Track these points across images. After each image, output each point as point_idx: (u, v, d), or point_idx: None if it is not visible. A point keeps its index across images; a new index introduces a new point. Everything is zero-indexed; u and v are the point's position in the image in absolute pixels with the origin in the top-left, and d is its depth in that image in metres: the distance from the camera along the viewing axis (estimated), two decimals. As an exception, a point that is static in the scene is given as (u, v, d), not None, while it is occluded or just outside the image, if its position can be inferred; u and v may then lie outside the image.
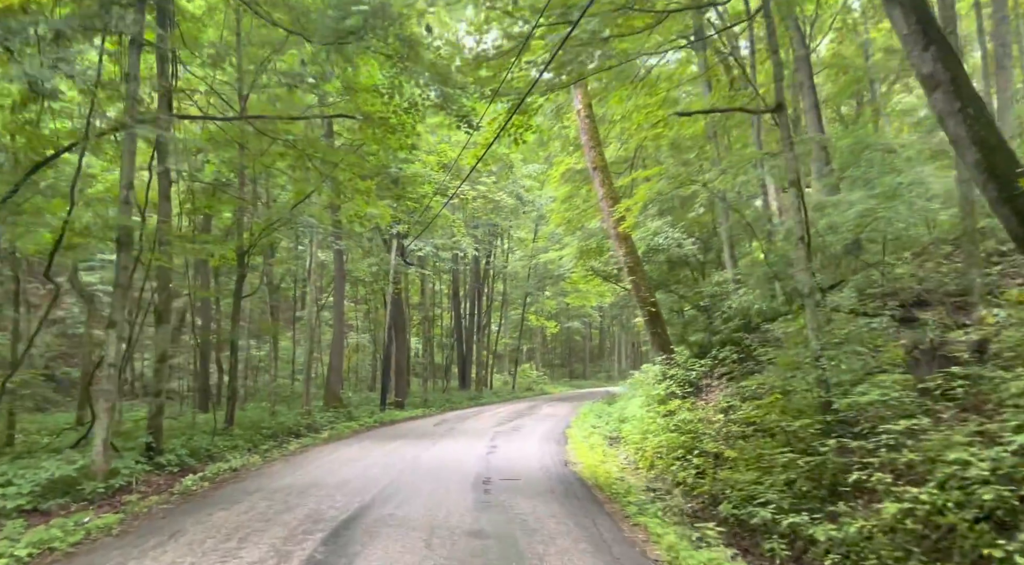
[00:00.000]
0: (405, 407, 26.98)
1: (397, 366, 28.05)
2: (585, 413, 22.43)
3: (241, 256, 17.23)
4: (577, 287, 47.59)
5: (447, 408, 28.40)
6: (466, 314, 40.65)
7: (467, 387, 38.52)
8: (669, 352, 14.51)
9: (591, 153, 15.22)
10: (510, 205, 25.39)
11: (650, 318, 14.71)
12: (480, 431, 17.23)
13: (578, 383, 57.01)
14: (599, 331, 76.40)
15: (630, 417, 15.21)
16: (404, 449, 13.66)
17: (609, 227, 15.18)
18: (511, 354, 52.82)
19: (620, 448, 14.83)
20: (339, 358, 24.12)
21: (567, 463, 12.07)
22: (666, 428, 12.68)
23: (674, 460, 11.27)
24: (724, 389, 13.32)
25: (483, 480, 9.76)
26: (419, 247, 25.61)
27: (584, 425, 18.92)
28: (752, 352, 13.81)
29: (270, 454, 13.39)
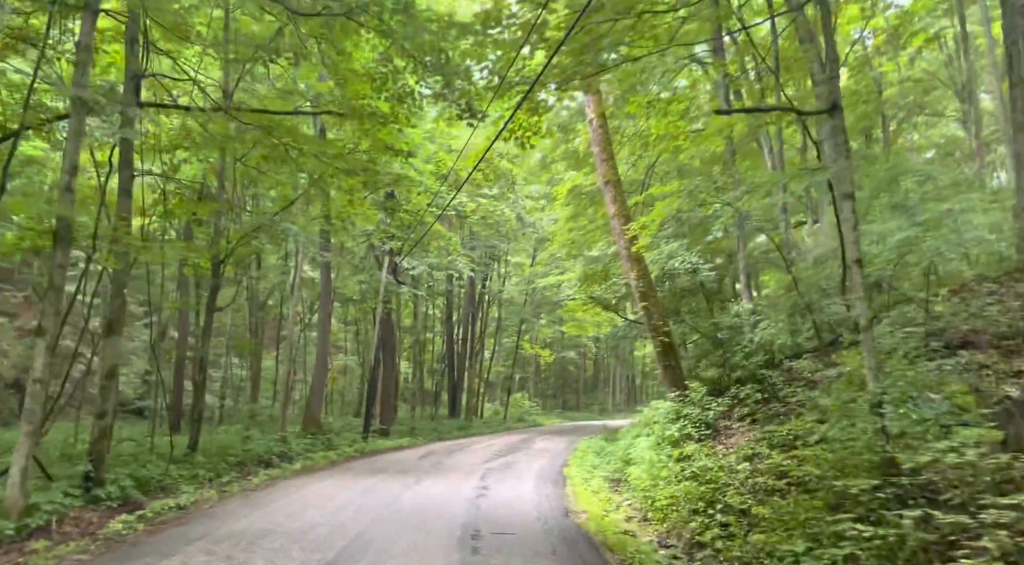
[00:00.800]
0: (390, 435, 25.35)
1: (384, 391, 26.47)
2: (583, 450, 20.84)
3: (216, 266, 15.82)
4: (575, 316, 46.27)
5: (435, 438, 26.75)
6: (459, 339, 39.12)
7: (457, 415, 36.85)
8: (683, 388, 13.08)
9: (603, 166, 13.94)
10: (511, 223, 24.08)
11: (663, 349, 13.30)
12: (469, 467, 15.67)
13: (571, 415, 55.24)
14: (593, 362, 74.82)
15: (637, 459, 13.68)
16: (383, 486, 12.10)
17: (620, 247, 13.84)
18: (504, 383, 51.19)
19: (625, 493, 13.31)
20: (321, 380, 22.56)
21: (568, 512, 10.54)
22: (681, 475, 11.18)
23: (692, 514, 9.78)
24: (746, 433, 11.86)
25: (471, 533, 8.24)
26: (412, 266, 24.21)
27: (583, 464, 17.36)
28: (777, 392, 12.40)
29: (229, 488, 11.82)
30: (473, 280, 35.53)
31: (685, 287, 15.68)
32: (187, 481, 12.15)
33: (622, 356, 71.73)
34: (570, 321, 48.30)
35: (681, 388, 13.07)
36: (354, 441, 21.71)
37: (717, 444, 11.98)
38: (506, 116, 10.53)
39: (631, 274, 13.62)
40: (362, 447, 20.25)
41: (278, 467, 15.45)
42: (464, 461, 17.03)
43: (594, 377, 76.76)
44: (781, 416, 11.55)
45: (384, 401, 26.24)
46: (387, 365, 26.97)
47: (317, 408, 22.35)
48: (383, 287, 22.65)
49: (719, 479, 10.27)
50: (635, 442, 15.97)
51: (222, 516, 9.10)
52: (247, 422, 21.96)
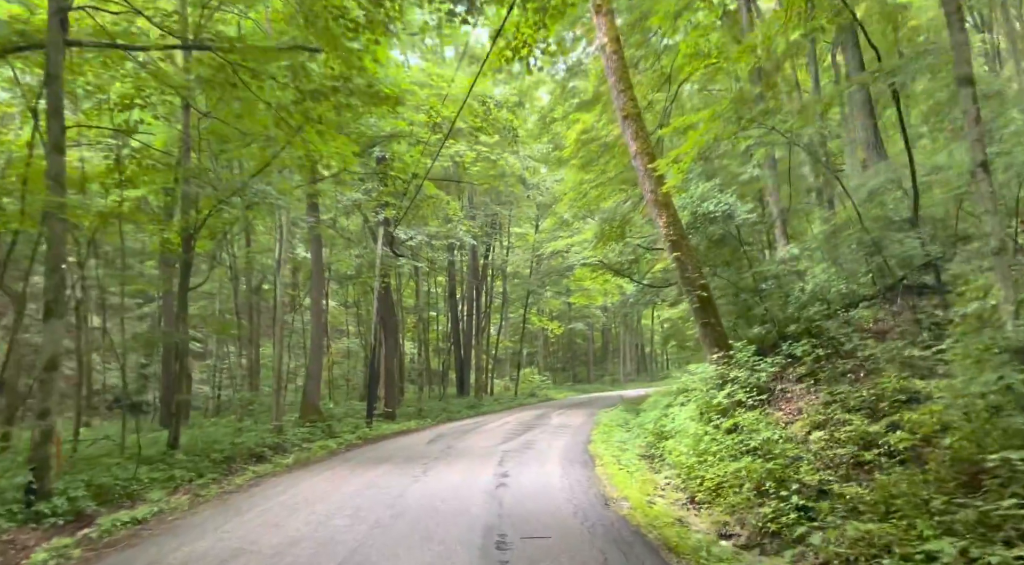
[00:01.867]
0: (396, 418, 23.71)
1: (387, 372, 24.80)
2: (606, 424, 19.17)
3: (187, 240, 14.02)
4: (582, 285, 44.52)
5: (444, 419, 25.11)
6: (464, 315, 37.40)
7: (465, 394, 35.24)
8: (726, 348, 11.30)
9: (620, 98, 12.04)
10: (514, 177, 22.10)
11: (700, 305, 11.48)
12: (484, 451, 13.98)
13: (582, 387, 53.70)
14: (601, 333, 73.17)
15: (676, 432, 11.97)
16: (387, 480, 10.39)
17: (645, 190, 11.98)
18: (512, 358, 49.60)
19: (663, 471, 11.63)
20: (318, 364, 20.85)
21: (607, 501, 8.82)
22: (736, 449, 9.46)
23: (759, 496, 8.06)
24: (807, 396, 10.10)
25: (496, 540, 6.51)
26: (410, 236, 22.37)
27: (610, 440, 15.68)
28: (839, 346, 10.61)
29: (206, 491, 10.11)
30: (475, 251, 33.71)
31: (716, 237, 13.83)
32: (160, 485, 10.47)
33: (630, 325, 70.16)
34: (577, 291, 46.60)
35: (724, 348, 11.30)
36: (357, 427, 20.05)
37: (773, 411, 10.23)
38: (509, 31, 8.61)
39: (659, 220, 11.77)
40: (365, 433, 18.59)
41: (269, 462, 13.77)
42: (477, 444, 15.35)
43: (602, 348, 75.16)
44: (850, 374, 9.79)
45: (388, 383, 24.57)
46: (389, 345, 25.26)
47: (315, 394, 20.67)
48: (379, 260, 20.82)
49: (787, 452, 8.55)
50: (669, 412, 14.26)
51: (186, 531, 7.38)
52: (241, 413, 20.31)
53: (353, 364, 41.15)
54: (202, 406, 29.14)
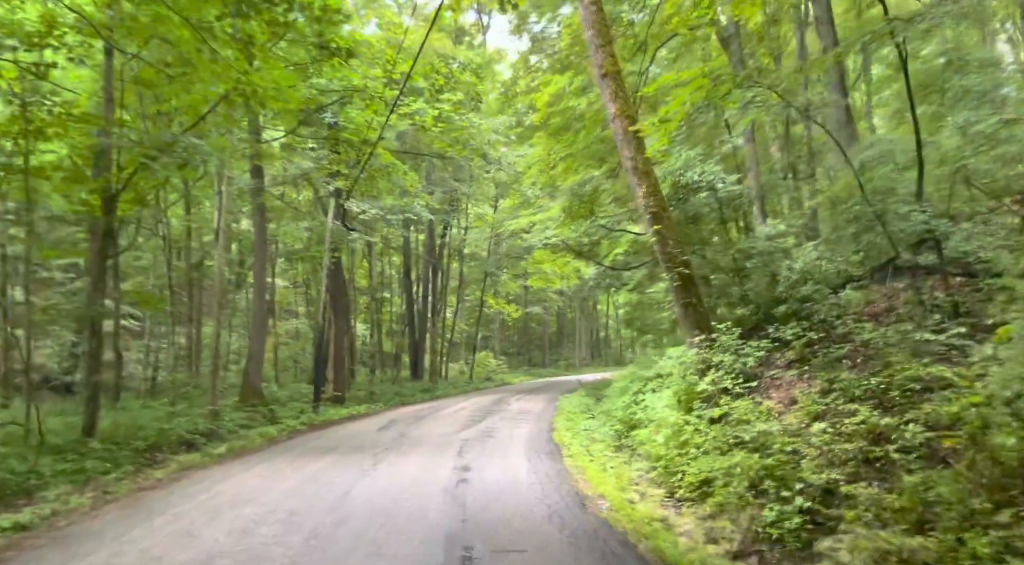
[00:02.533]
0: (346, 402, 22.35)
1: (336, 354, 23.36)
2: (569, 411, 18.21)
3: (108, 201, 12.42)
4: (540, 268, 43.52)
5: (397, 403, 23.85)
6: (419, 297, 36.05)
7: (419, 377, 33.99)
8: (708, 331, 10.34)
9: (599, 54, 10.89)
10: (480, 135, 20.66)
11: (682, 284, 10.48)
12: (441, 439, 12.82)
13: (538, 372, 52.94)
14: (556, 318, 72.57)
15: (650, 421, 11.01)
16: (331, 474, 9.14)
17: (624, 157, 10.88)
18: (467, 342, 48.47)
19: (636, 463, 10.67)
20: (260, 344, 19.35)
21: (583, 501, 7.78)
22: (723, 441, 8.52)
23: (756, 496, 7.12)
24: (800, 383, 9.21)
25: (460, 553, 5.37)
26: (363, 210, 20.92)
27: (575, 428, 14.70)
28: (832, 329, 9.75)
29: (117, 487, 8.70)
30: (432, 229, 32.35)
31: (692, 213, 12.87)
32: (67, 479, 9.04)
33: (586, 310, 69.71)
34: (535, 274, 45.61)
35: (706, 331, 10.33)
36: (302, 412, 18.67)
37: (763, 399, 9.32)
38: None
39: (639, 190, 10.70)
40: (311, 419, 17.21)
41: (201, 450, 12.37)
42: (434, 431, 14.17)
43: (557, 333, 74.61)
44: (846, 360, 8.93)
45: (337, 365, 23.15)
46: (339, 325, 23.81)
47: (257, 376, 19.17)
48: (329, 232, 19.35)
49: (785, 447, 7.61)
50: (640, 399, 13.31)
51: (78, 541, 6.04)
52: (175, 395, 18.70)
53: (302, 345, 39.44)
54: (137, 387, 27.27)
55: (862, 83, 25.61)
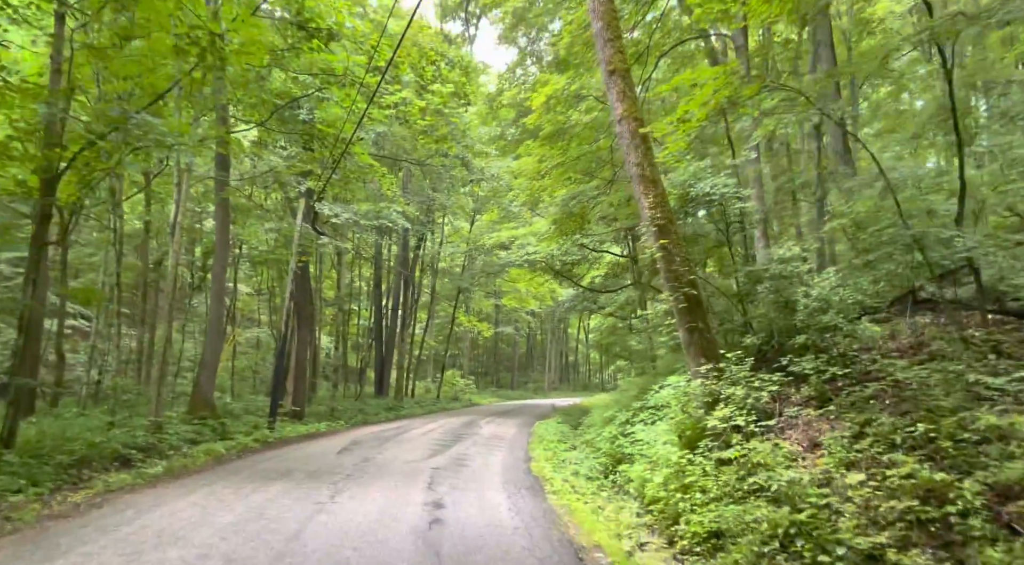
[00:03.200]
0: (305, 418, 20.90)
1: (298, 366, 21.93)
2: (546, 439, 17.04)
3: (48, 183, 11.05)
4: (516, 286, 42.51)
5: (359, 422, 22.42)
6: (388, 310, 34.66)
7: (384, 394, 32.51)
8: (716, 359, 9.30)
9: (607, 49, 9.92)
10: (469, 137, 19.58)
11: (688, 306, 9.43)
12: (409, 467, 11.54)
13: (506, 394, 51.66)
14: (527, 339, 71.43)
15: (647, 457, 9.89)
16: (280, 507, 7.83)
17: (629, 163, 9.86)
18: (435, 359, 47.06)
19: (626, 503, 9.55)
20: (215, 351, 17.85)
21: (578, 551, 6.61)
22: (738, 488, 7.44)
23: (789, 560, 6.03)
24: (820, 424, 8.17)
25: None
26: (335, 214, 19.65)
27: (554, 459, 13.55)
28: (853, 364, 8.75)
29: (21, 513, 7.28)
30: (407, 239, 31.10)
31: (695, 229, 11.90)
32: (-36, 500, 7.60)
33: (557, 333, 68.76)
34: (510, 293, 44.56)
35: (713, 359, 9.29)
36: (256, 427, 17.20)
37: (779, 440, 8.27)
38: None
39: (645, 200, 9.68)
40: (265, 436, 15.76)
41: (135, 468, 10.93)
42: (400, 456, 12.86)
43: (527, 355, 73.43)
44: (880, 400, 7.93)
45: (298, 378, 21.71)
46: (302, 335, 22.40)
47: (209, 386, 17.67)
48: (298, 234, 18.03)
49: (816, 499, 6.55)
50: (629, 431, 12.20)
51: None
52: (115, 403, 17.10)
53: (262, 355, 37.76)
54: (80, 393, 25.41)
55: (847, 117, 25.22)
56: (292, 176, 18.50)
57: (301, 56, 13.02)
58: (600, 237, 23.31)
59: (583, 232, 16.48)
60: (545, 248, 20.92)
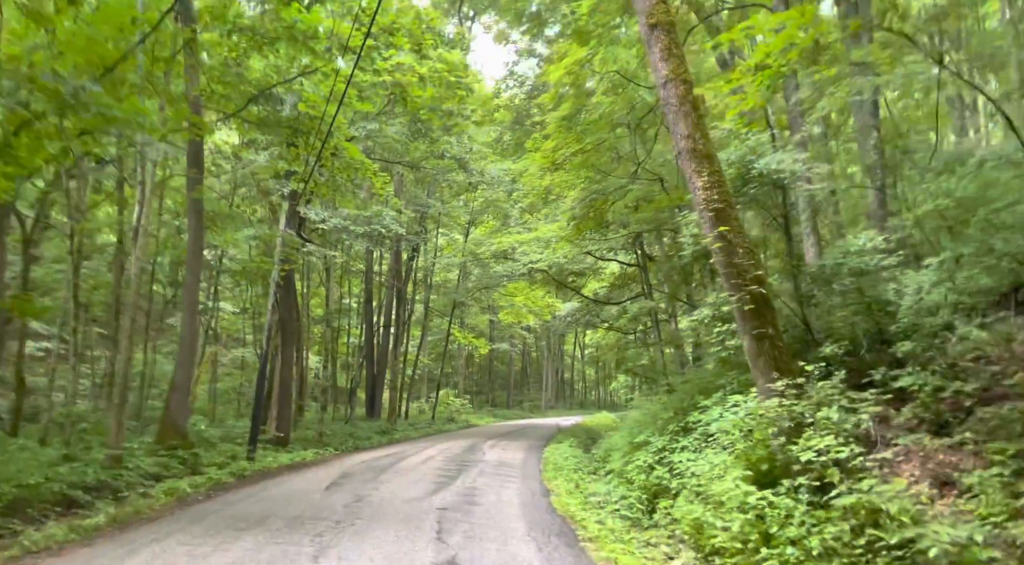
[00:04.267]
0: (290, 445, 18.90)
1: (282, 387, 19.96)
2: (558, 464, 15.20)
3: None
4: (513, 301, 40.71)
5: (351, 447, 20.45)
6: (379, 327, 32.73)
7: (376, 416, 30.50)
8: (791, 373, 7.50)
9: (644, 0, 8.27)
10: (476, 102, 17.79)
11: (755, 308, 7.65)
12: (411, 507, 9.64)
13: (502, 413, 49.61)
14: (521, 356, 69.40)
15: (702, 494, 8.05)
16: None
17: (677, 136, 8.11)
18: (429, 378, 45.07)
19: (680, 553, 7.72)
20: (187, 372, 15.91)
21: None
22: (854, 544, 5.62)
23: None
24: (955, 456, 6.38)
25: None
26: (322, 219, 17.83)
27: (577, 491, 11.72)
28: (963, 375, 6.98)
29: None
30: (399, 249, 29.26)
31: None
32: None
33: (553, 350, 66.91)
34: (507, 308, 42.73)
35: (788, 373, 7.49)
36: (234, 457, 15.25)
37: (892, 474, 6.46)
38: None
39: (697, 180, 7.94)
40: (242, 468, 13.79)
41: (81, 513, 9.02)
42: (399, 493, 10.94)
43: (522, 372, 71.38)
44: (1014, 424, 6.17)
45: (282, 400, 19.73)
46: (287, 354, 20.47)
47: (181, 411, 15.68)
48: (280, 239, 16.19)
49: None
50: (668, 459, 10.35)
51: None
52: (70, 433, 15.14)
53: (248, 376, 35.74)
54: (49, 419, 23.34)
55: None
56: (273, 178, 16.72)
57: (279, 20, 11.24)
58: (610, 243, 21.61)
59: (602, 233, 14.72)
60: (559, 250, 19.16)
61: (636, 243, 23.78)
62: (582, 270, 27.22)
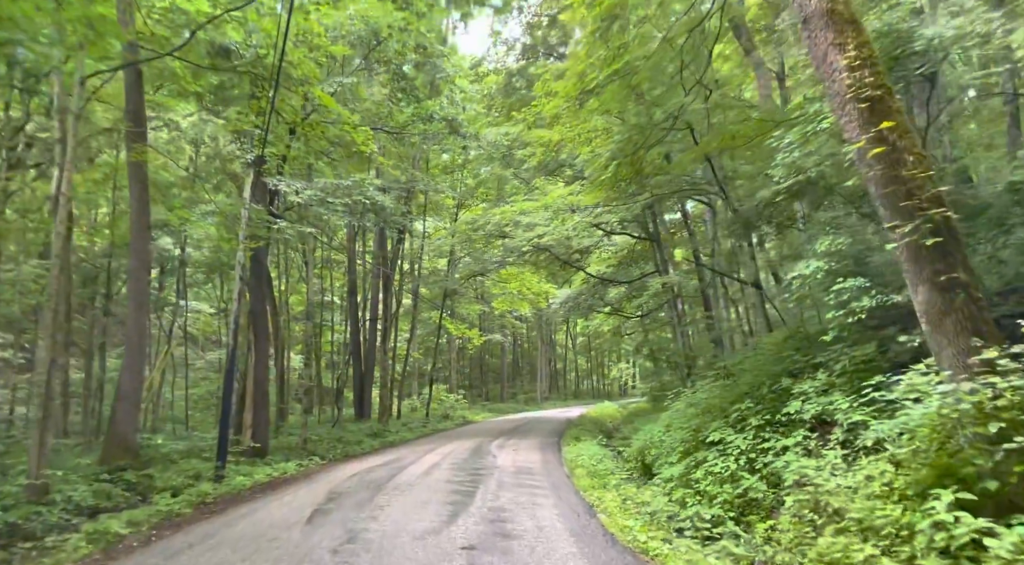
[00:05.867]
0: (269, 455, 16.18)
1: (257, 389, 17.19)
2: (593, 469, 12.66)
3: None
4: (507, 288, 38.11)
5: (340, 455, 17.77)
6: (365, 321, 29.98)
7: (366, 417, 27.78)
8: (995, 340, 4.96)
9: None
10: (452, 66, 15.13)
11: (939, 243, 5.12)
12: (424, 549, 7.02)
13: (497, 407, 46.95)
14: (512, 347, 66.68)
15: (845, 516, 5.50)
16: None
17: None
18: (422, 373, 42.42)
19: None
20: (136, 375, 13.16)
21: None
22: None
23: None
24: None
25: None
26: (294, 190, 15.07)
27: (633, 507, 9.14)
28: None
29: None
30: (384, 232, 26.50)
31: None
32: None
33: (546, 339, 64.45)
34: (501, 295, 40.14)
35: (993, 339, 4.96)
36: (197, 476, 12.53)
37: None
38: None
39: (836, 59, 5.34)
40: (203, 493, 11.02)
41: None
42: (405, 524, 8.29)
43: (513, 365, 68.70)
44: None
45: (258, 404, 16.97)
46: (261, 349, 17.69)
47: (130, 423, 12.96)
48: (245, 214, 13.45)
49: None
50: (774, 463, 7.78)
51: None
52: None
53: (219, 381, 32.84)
54: None
55: None
56: (237, 143, 13.94)
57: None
58: (621, 214, 19.00)
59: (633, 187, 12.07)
60: (568, 222, 16.55)
61: (651, 212, 21.25)
62: (587, 247, 24.65)
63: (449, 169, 26.98)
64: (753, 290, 15.04)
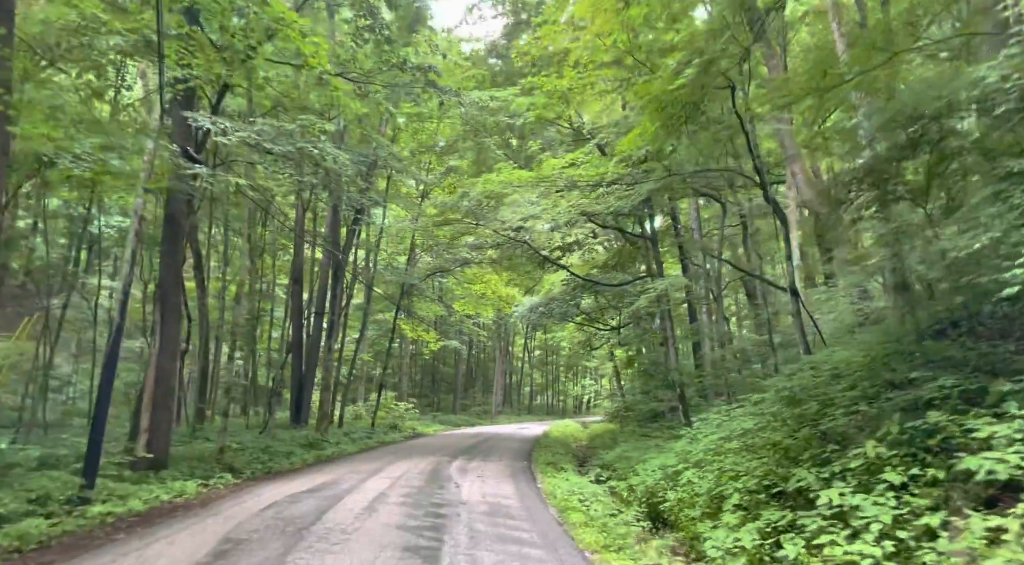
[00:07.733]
0: (167, 470, 12.57)
1: (160, 383, 13.51)
2: (590, 515, 9.46)
3: None
4: (471, 289, 34.93)
5: (260, 471, 14.26)
6: (310, 313, 26.39)
7: (302, 423, 24.06)
8: None
9: None
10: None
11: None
12: None
13: (449, 419, 43.34)
14: (467, 356, 63.19)
15: None
16: None
17: None
18: (371, 378, 38.78)
19: None
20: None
21: None
22: None
23: None
24: None
25: None
26: (223, 128, 11.60)
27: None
28: None
29: None
30: (338, 213, 23.05)
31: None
32: None
33: (503, 351, 61.26)
34: (463, 298, 36.92)
35: None
36: (45, 500, 8.92)
37: None
38: None
39: None
40: (31, 530, 7.48)
41: None
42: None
43: (468, 374, 65.17)
44: None
45: (158, 404, 13.29)
46: (168, 334, 14.01)
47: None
48: (151, 146, 9.96)
49: None
50: (849, 519, 4.75)
51: None
52: None
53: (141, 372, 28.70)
54: None
55: None
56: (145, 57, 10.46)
57: None
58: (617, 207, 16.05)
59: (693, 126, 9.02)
60: (570, 199, 13.46)
61: (645, 209, 18.34)
62: (571, 245, 21.62)
63: (421, 145, 23.56)
64: (788, 297, 12.22)
